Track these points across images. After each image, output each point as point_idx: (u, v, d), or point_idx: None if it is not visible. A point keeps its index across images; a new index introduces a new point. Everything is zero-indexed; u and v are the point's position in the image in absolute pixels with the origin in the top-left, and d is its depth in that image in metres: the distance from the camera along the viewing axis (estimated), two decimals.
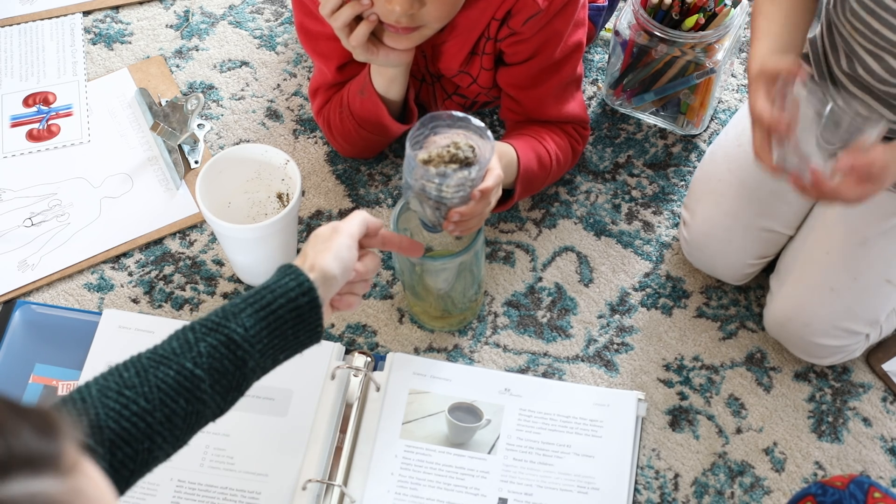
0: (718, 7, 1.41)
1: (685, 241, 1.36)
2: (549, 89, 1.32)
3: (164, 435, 0.87)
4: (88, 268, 1.40)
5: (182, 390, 0.88)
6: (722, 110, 1.56)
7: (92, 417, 0.83)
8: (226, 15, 1.67)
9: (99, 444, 0.83)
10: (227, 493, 1.20)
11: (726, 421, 1.29)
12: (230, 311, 0.93)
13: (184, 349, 0.89)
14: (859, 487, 0.94)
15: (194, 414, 0.89)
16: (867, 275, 1.23)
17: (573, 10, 1.27)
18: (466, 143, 1.06)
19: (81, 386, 0.87)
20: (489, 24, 1.26)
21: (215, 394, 0.90)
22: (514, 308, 1.37)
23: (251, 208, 1.35)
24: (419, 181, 1.07)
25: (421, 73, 1.36)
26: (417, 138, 1.07)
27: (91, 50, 1.62)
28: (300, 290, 0.95)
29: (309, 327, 0.97)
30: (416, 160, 1.06)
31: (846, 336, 1.25)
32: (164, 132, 1.46)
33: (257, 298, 0.94)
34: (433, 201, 1.08)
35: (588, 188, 1.48)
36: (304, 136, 1.53)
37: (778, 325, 1.29)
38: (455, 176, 1.05)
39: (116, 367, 0.89)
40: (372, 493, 1.20)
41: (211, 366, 0.90)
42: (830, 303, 1.24)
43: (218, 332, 0.91)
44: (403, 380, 1.28)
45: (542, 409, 1.27)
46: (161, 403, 0.87)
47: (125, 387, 0.86)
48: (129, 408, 0.85)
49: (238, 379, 0.92)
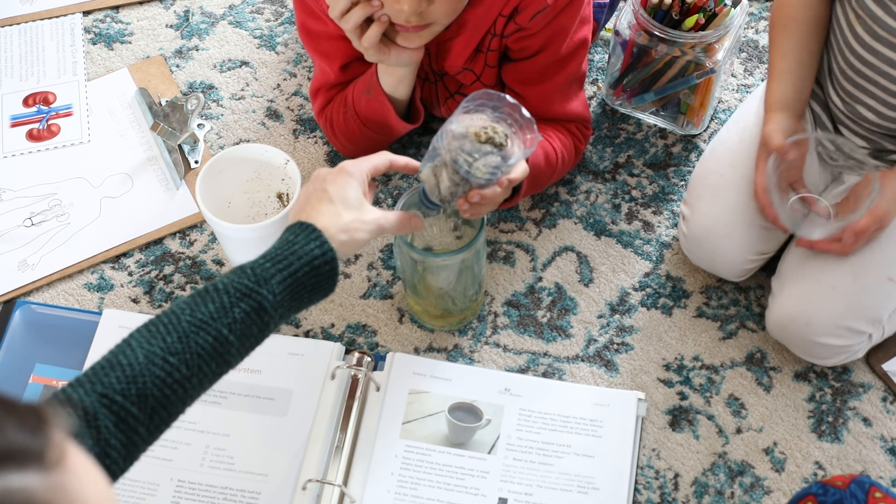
0: (718, 7, 1.41)
1: (684, 236, 1.36)
2: (555, 86, 1.32)
3: (194, 396, 0.92)
4: (88, 268, 1.40)
5: (216, 355, 0.91)
6: (722, 110, 1.56)
7: (140, 385, 0.86)
8: (226, 15, 1.67)
9: (141, 412, 0.86)
10: (227, 493, 1.20)
11: (726, 421, 1.29)
12: (262, 276, 0.95)
13: (220, 314, 0.92)
14: (860, 487, 0.94)
15: (219, 374, 0.94)
16: (869, 273, 1.23)
17: (579, 6, 1.27)
18: (503, 131, 1.06)
19: (124, 346, 0.89)
20: (496, 21, 1.26)
21: (239, 355, 0.95)
22: (514, 308, 1.37)
23: (251, 208, 1.35)
24: (453, 152, 1.06)
25: (424, 71, 1.36)
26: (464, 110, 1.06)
27: (91, 50, 1.62)
28: (323, 259, 0.98)
29: (322, 291, 1.00)
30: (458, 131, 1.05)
31: (849, 335, 1.25)
32: (164, 132, 1.46)
33: (286, 265, 0.96)
34: (458, 176, 1.07)
35: (588, 188, 1.48)
36: (304, 136, 1.53)
37: (780, 326, 1.29)
38: (492, 157, 1.05)
39: (157, 327, 0.91)
40: (372, 493, 1.20)
41: (242, 332, 0.93)
42: (832, 301, 1.24)
43: (251, 299, 0.94)
44: (403, 380, 1.28)
45: (542, 409, 1.27)
46: (198, 369, 0.90)
47: (169, 353, 0.89)
48: (172, 375, 0.88)
49: (258, 340, 0.96)
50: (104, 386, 0.85)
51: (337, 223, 1.01)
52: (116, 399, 0.85)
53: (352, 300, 1.37)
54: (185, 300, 0.93)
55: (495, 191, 1.09)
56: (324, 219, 1.01)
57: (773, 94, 1.27)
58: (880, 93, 1.20)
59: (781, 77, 1.27)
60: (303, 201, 1.05)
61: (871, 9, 1.14)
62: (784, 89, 1.27)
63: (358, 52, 1.27)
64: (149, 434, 0.88)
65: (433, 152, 1.08)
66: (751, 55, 1.62)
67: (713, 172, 1.33)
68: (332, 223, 1.01)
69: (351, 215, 1.02)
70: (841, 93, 1.26)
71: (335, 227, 1.00)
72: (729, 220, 1.30)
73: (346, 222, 1.01)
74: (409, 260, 1.23)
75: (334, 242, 0.99)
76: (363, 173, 1.07)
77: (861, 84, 1.22)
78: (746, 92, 1.58)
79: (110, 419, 0.84)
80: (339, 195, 1.03)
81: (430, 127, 1.53)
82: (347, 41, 1.25)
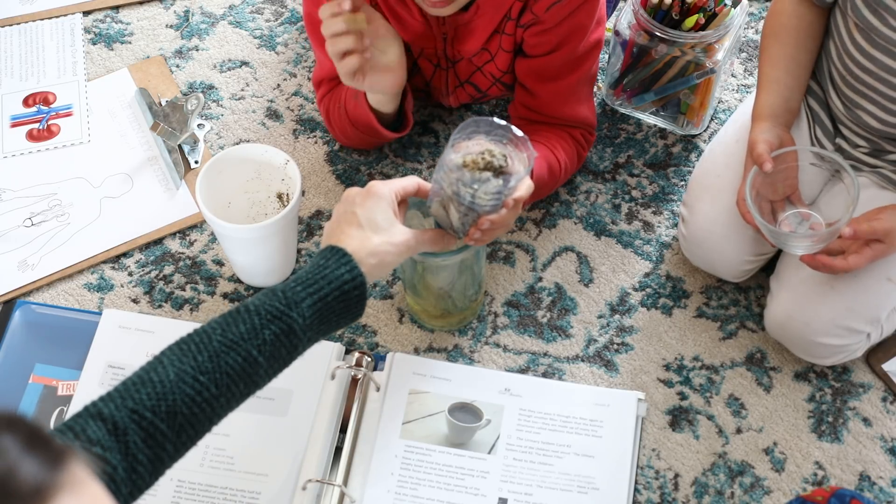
0: (718, 7, 1.41)
1: (684, 237, 1.36)
2: (568, 84, 1.33)
3: (221, 416, 0.93)
4: (88, 268, 1.40)
5: (244, 375, 0.93)
6: (722, 110, 1.56)
7: (169, 403, 0.88)
8: (226, 15, 1.67)
9: (170, 428, 0.88)
10: (227, 493, 1.20)
11: (726, 421, 1.29)
12: (293, 299, 0.96)
13: (251, 335, 0.93)
14: (840, 501, 0.93)
15: (247, 395, 0.95)
16: (868, 273, 1.23)
17: (596, 4, 1.28)
18: (500, 152, 1.06)
19: (156, 363, 0.91)
20: (512, 6, 1.26)
21: (267, 377, 0.96)
22: (514, 308, 1.37)
23: (251, 208, 1.35)
24: (454, 185, 1.06)
25: (437, 57, 1.36)
26: (455, 141, 1.06)
27: (91, 50, 1.62)
28: (353, 284, 0.99)
29: (351, 315, 1.02)
30: (453, 164, 1.05)
31: (847, 335, 1.25)
32: (164, 132, 1.46)
33: (316, 289, 0.97)
34: (464, 207, 1.07)
35: (588, 188, 1.48)
36: (304, 136, 1.53)
37: (779, 326, 1.29)
38: (493, 183, 1.05)
39: (189, 345, 0.92)
40: (372, 493, 1.20)
41: (271, 353, 0.94)
42: (831, 301, 1.24)
43: (281, 321, 0.95)
44: (403, 380, 1.28)
45: (542, 409, 1.27)
46: (227, 389, 0.92)
47: (200, 372, 0.90)
48: (201, 394, 0.90)
49: (287, 362, 0.98)
50: (135, 402, 0.87)
51: (366, 247, 1.01)
52: (146, 415, 0.87)
53: None
54: (216, 320, 0.95)
55: (503, 214, 1.08)
56: (353, 243, 1.01)
57: (761, 103, 1.27)
58: (880, 98, 1.20)
59: (770, 87, 1.27)
60: (334, 224, 1.05)
61: (868, 19, 1.15)
62: (772, 99, 1.26)
63: None
64: (175, 451, 0.89)
65: (437, 186, 1.08)
66: (751, 55, 1.62)
67: (711, 173, 1.33)
68: (362, 247, 1.01)
69: (380, 238, 1.03)
70: (842, 97, 1.26)
71: (364, 251, 1.01)
72: (726, 222, 1.30)
73: (374, 245, 1.02)
74: (409, 260, 1.23)
75: (364, 266, 1.00)
76: (392, 194, 1.07)
77: (861, 90, 1.22)
78: (746, 92, 1.58)
79: (139, 435, 0.86)
80: (368, 218, 1.03)
81: (430, 127, 1.53)
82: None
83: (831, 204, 1.27)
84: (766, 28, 1.30)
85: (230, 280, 1.39)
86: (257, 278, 1.36)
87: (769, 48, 1.28)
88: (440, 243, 1.11)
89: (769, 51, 1.28)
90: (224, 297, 1.37)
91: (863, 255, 1.18)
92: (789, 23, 1.26)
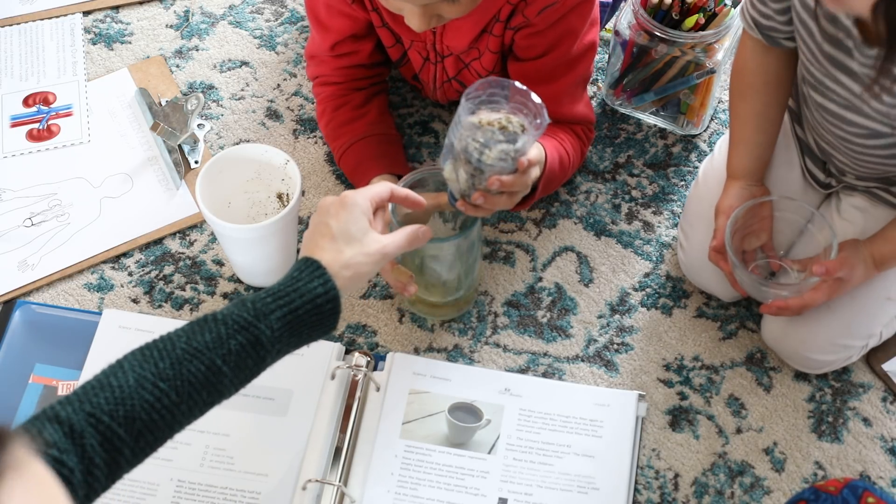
0: (718, 7, 1.41)
1: (682, 262, 1.37)
2: (563, 86, 1.33)
3: (184, 423, 0.92)
4: (88, 268, 1.40)
5: (207, 384, 0.92)
6: (722, 110, 1.56)
7: (128, 408, 0.87)
8: (226, 15, 1.67)
9: (128, 433, 0.87)
10: (227, 493, 1.20)
11: (726, 421, 1.29)
12: (261, 311, 0.95)
13: (216, 344, 0.92)
14: (853, 492, 0.93)
15: (211, 404, 0.94)
16: (866, 293, 1.23)
17: (589, 7, 1.28)
18: (518, 122, 1.06)
19: (117, 367, 0.90)
20: (501, 8, 1.26)
21: (232, 386, 0.95)
22: (514, 308, 1.37)
23: (251, 208, 1.35)
24: (464, 139, 1.06)
25: (426, 50, 1.37)
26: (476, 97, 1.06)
27: (91, 50, 1.62)
28: (326, 298, 0.98)
29: (324, 329, 1.00)
30: (468, 122, 1.05)
31: (842, 350, 1.26)
32: (164, 132, 1.46)
33: (287, 301, 0.96)
34: (472, 166, 1.07)
35: (588, 188, 1.48)
36: (304, 136, 1.53)
37: (774, 340, 1.30)
38: (500, 146, 1.06)
39: (151, 351, 0.91)
40: (372, 493, 1.20)
41: (237, 363, 0.93)
42: (827, 321, 1.24)
43: (248, 332, 0.94)
44: (403, 380, 1.28)
45: (541, 409, 1.27)
46: (188, 396, 0.91)
47: (160, 378, 0.89)
48: (161, 401, 0.89)
49: (254, 373, 0.97)
50: (92, 405, 0.86)
51: (339, 260, 1.00)
52: (103, 419, 0.86)
53: (352, 300, 1.37)
54: (182, 328, 0.94)
55: (514, 177, 1.09)
56: (327, 255, 1.00)
57: (733, 164, 1.27)
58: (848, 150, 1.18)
59: (740, 147, 1.27)
60: (309, 235, 1.04)
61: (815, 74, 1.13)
62: (745, 161, 1.26)
63: (351, 31, 1.32)
64: (133, 456, 0.88)
65: (450, 146, 1.08)
66: None
67: (704, 201, 1.32)
68: (335, 260, 1.00)
69: (353, 250, 1.01)
70: (819, 141, 1.24)
71: (338, 264, 1.00)
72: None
73: (347, 258, 1.01)
74: None
75: (339, 280, 0.99)
76: (366, 202, 1.05)
77: (831, 141, 1.20)
78: None
79: (96, 438, 0.85)
80: (341, 230, 1.02)
81: (430, 127, 1.53)
82: (347, 19, 1.30)
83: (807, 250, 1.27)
84: (732, 86, 1.28)
85: (230, 280, 1.39)
86: (257, 278, 1.36)
87: (736, 107, 1.27)
88: (415, 241, 1.10)
89: (736, 109, 1.27)
90: (224, 297, 1.37)
91: (820, 290, 1.18)
92: (754, 80, 1.24)
